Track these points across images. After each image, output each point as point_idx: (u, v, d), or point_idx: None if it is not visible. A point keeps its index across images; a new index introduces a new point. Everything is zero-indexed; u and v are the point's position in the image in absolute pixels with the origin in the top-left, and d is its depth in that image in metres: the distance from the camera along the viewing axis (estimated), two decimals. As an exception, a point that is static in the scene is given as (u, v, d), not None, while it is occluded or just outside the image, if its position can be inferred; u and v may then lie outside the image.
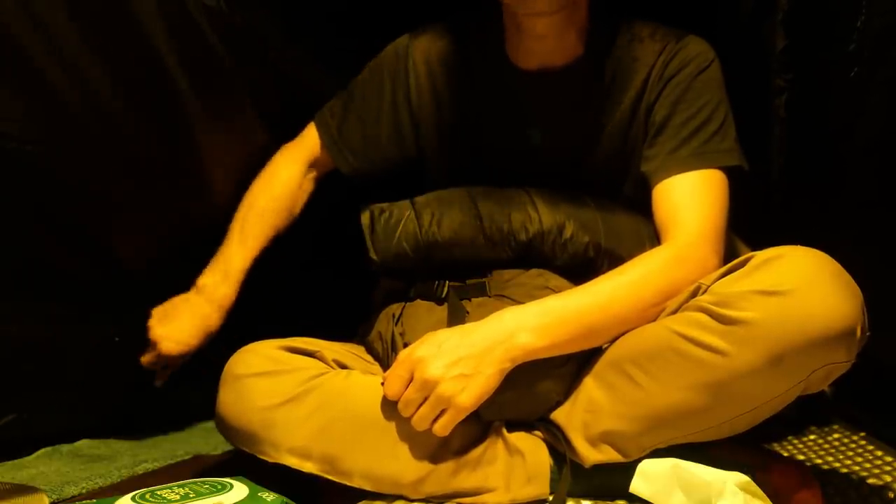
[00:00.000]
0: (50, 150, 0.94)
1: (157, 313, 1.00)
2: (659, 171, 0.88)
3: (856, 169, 0.90)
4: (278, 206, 1.04)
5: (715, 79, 0.90)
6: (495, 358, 0.75)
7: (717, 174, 0.86)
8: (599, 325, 0.78)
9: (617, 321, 0.78)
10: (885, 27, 0.80)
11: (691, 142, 0.87)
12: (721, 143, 0.87)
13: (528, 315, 0.77)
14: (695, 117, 0.88)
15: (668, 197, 0.86)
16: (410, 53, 1.00)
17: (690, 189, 0.85)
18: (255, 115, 1.14)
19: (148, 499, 0.68)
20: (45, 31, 0.89)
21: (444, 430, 0.75)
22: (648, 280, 0.79)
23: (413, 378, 0.75)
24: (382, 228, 0.89)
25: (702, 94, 0.88)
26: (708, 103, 0.88)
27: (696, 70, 0.89)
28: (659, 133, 0.89)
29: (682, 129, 0.88)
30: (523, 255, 0.88)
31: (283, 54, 1.15)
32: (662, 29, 0.93)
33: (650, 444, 0.75)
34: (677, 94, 0.89)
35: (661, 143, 0.89)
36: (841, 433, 0.98)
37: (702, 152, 0.86)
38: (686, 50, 0.90)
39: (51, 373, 1.03)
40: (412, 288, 0.91)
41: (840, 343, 0.65)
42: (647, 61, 0.91)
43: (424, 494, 0.79)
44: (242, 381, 0.80)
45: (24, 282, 0.98)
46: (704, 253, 0.81)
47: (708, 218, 0.83)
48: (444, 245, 0.87)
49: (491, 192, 0.91)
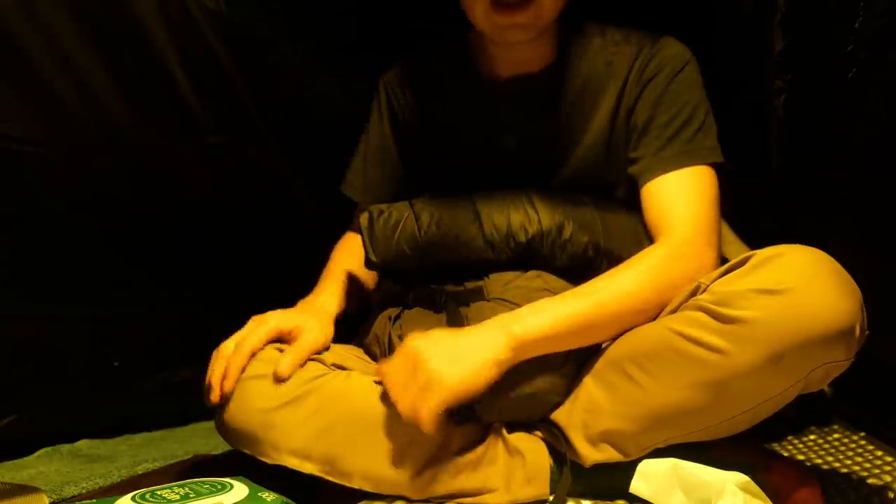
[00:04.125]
0: (50, 150, 0.94)
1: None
2: (645, 172, 0.88)
3: (854, 169, 0.90)
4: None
5: (692, 79, 0.90)
6: (488, 346, 0.74)
7: (705, 170, 0.86)
8: (596, 322, 0.77)
9: (614, 319, 0.78)
10: (883, 29, 0.80)
11: (675, 141, 0.87)
12: (705, 141, 0.88)
13: (522, 310, 0.77)
14: (677, 117, 0.88)
15: (658, 196, 0.86)
16: (382, 89, 1.05)
17: (679, 187, 0.86)
18: (255, 115, 1.14)
19: (148, 499, 0.68)
20: (46, 31, 0.89)
21: (430, 414, 0.70)
22: (645, 278, 0.79)
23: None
24: (381, 229, 0.89)
25: (681, 95, 0.89)
26: (688, 103, 0.89)
27: (674, 71, 0.90)
28: (642, 135, 0.90)
29: (666, 129, 0.88)
30: (523, 256, 0.87)
31: (283, 54, 1.15)
32: (636, 33, 0.94)
33: (650, 444, 0.75)
34: (657, 96, 0.89)
35: (644, 144, 0.89)
36: (841, 433, 0.98)
37: (687, 150, 0.87)
38: (662, 52, 0.91)
39: (51, 373, 1.03)
40: (411, 293, 0.91)
41: (839, 342, 0.65)
42: (623, 65, 0.92)
43: (424, 495, 0.79)
44: (242, 383, 0.81)
45: (24, 282, 0.98)
46: (699, 248, 0.81)
47: (700, 214, 0.83)
48: (443, 246, 0.87)
49: (489, 193, 0.90)
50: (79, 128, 0.96)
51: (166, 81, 1.02)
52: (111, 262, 1.06)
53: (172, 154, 1.08)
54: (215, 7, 1.02)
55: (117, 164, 1.02)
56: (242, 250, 1.23)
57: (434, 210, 0.89)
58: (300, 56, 1.17)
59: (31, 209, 0.96)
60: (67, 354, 1.04)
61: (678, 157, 0.87)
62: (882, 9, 0.79)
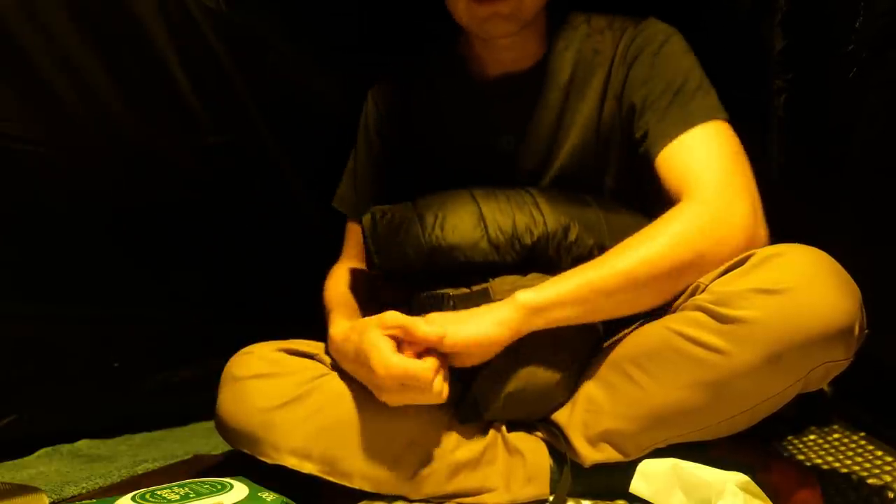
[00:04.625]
0: (50, 150, 0.94)
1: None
2: (653, 145, 0.84)
3: (855, 169, 0.90)
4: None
5: (679, 49, 0.88)
6: (494, 311, 0.75)
7: (717, 125, 0.82)
8: (615, 289, 0.74)
9: (637, 285, 0.74)
10: (883, 28, 0.80)
11: (673, 106, 0.84)
12: (705, 100, 0.84)
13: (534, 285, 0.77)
14: (670, 85, 0.85)
15: (672, 163, 0.81)
16: (370, 103, 1.04)
17: (691, 148, 0.81)
18: (255, 115, 1.14)
19: (148, 499, 0.68)
20: (46, 31, 0.89)
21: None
22: (665, 241, 0.74)
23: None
24: (385, 232, 0.86)
25: (669, 64, 0.87)
26: (678, 70, 0.86)
27: (658, 46, 0.88)
28: (641, 114, 0.87)
29: (661, 98, 0.85)
30: (528, 259, 0.86)
31: (283, 54, 1.15)
32: (620, 18, 0.93)
33: (650, 444, 0.75)
34: (645, 72, 0.88)
35: (646, 119, 0.86)
36: (841, 433, 0.98)
37: (688, 112, 0.83)
38: (645, 32, 0.90)
39: (51, 373, 1.03)
40: (414, 299, 0.88)
41: (839, 341, 0.65)
42: (608, 51, 0.91)
43: (424, 495, 0.79)
44: (242, 383, 0.81)
45: (24, 282, 0.98)
46: (728, 200, 0.75)
47: (721, 167, 0.77)
48: (447, 249, 0.85)
49: (493, 193, 0.89)
50: (79, 128, 0.96)
51: (166, 81, 1.02)
52: (111, 262, 1.06)
53: (172, 154, 1.08)
54: (215, 7, 1.02)
55: (117, 164, 1.02)
56: (242, 250, 1.23)
57: (438, 211, 0.86)
58: (300, 56, 1.17)
59: (31, 209, 0.96)
60: (67, 354, 1.04)
61: (680, 119, 0.83)
62: (882, 8, 0.79)
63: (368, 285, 0.96)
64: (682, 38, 0.89)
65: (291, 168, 1.23)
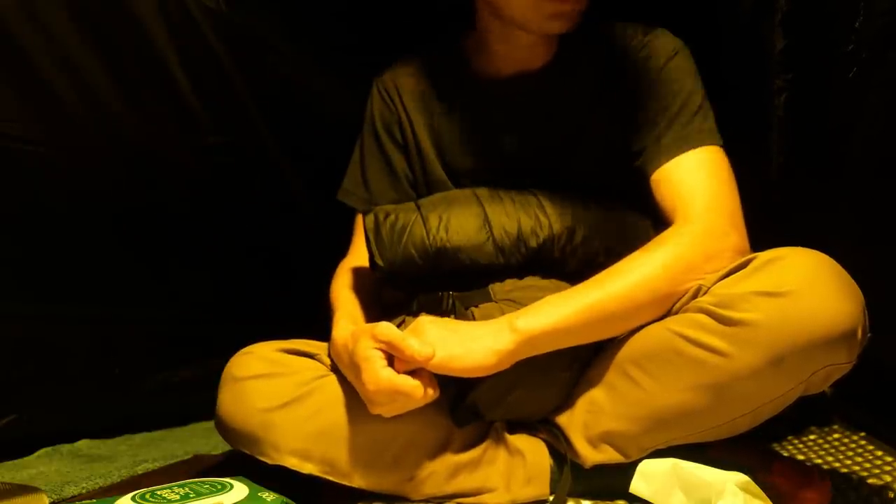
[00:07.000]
0: (50, 150, 0.94)
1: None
2: (649, 162, 0.86)
3: (855, 169, 0.90)
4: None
5: (684, 67, 0.88)
6: (489, 336, 0.73)
7: (711, 151, 0.84)
8: (610, 313, 0.75)
9: (630, 308, 0.75)
10: (884, 28, 0.80)
11: (672, 127, 0.85)
12: (703, 124, 0.85)
13: (531, 306, 0.76)
14: (672, 104, 0.86)
15: (666, 184, 0.83)
16: (375, 92, 1.02)
17: (686, 171, 0.83)
18: (255, 115, 1.14)
19: (148, 499, 0.68)
20: (46, 31, 0.89)
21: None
22: (659, 264, 0.75)
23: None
24: (388, 233, 0.85)
25: (674, 82, 0.87)
26: (681, 89, 0.87)
27: (664, 61, 0.88)
28: (640, 127, 0.88)
29: (660, 117, 0.86)
30: (533, 261, 0.85)
31: (283, 54, 1.15)
32: (630, 25, 0.93)
33: (650, 445, 0.75)
34: (647, 87, 0.88)
35: (643, 134, 0.87)
36: (841, 433, 0.98)
37: (685, 134, 0.85)
38: (652, 44, 0.90)
39: (51, 373, 1.03)
40: (415, 300, 0.88)
41: (841, 344, 0.65)
42: (614, 56, 0.91)
43: (424, 495, 0.79)
44: (242, 384, 0.80)
45: (24, 282, 0.98)
46: (718, 227, 0.77)
47: (713, 192, 0.80)
48: (452, 251, 0.84)
49: (497, 195, 0.88)
50: (79, 128, 0.96)
51: (166, 81, 1.02)
52: (111, 262, 1.06)
53: (172, 154, 1.08)
54: (215, 7, 1.02)
55: (117, 164, 1.02)
56: (242, 250, 1.23)
57: (442, 212, 0.86)
58: (300, 56, 1.17)
59: (32, 209, 0.96)
60: (67, 354, 1.04)
61: (677, 141, 0.84)
62: (882, 8, 0.79)
63: (374, 285, 0.95)
64: (689, 55, 0.89)
65: (291, 168, 1.23)
